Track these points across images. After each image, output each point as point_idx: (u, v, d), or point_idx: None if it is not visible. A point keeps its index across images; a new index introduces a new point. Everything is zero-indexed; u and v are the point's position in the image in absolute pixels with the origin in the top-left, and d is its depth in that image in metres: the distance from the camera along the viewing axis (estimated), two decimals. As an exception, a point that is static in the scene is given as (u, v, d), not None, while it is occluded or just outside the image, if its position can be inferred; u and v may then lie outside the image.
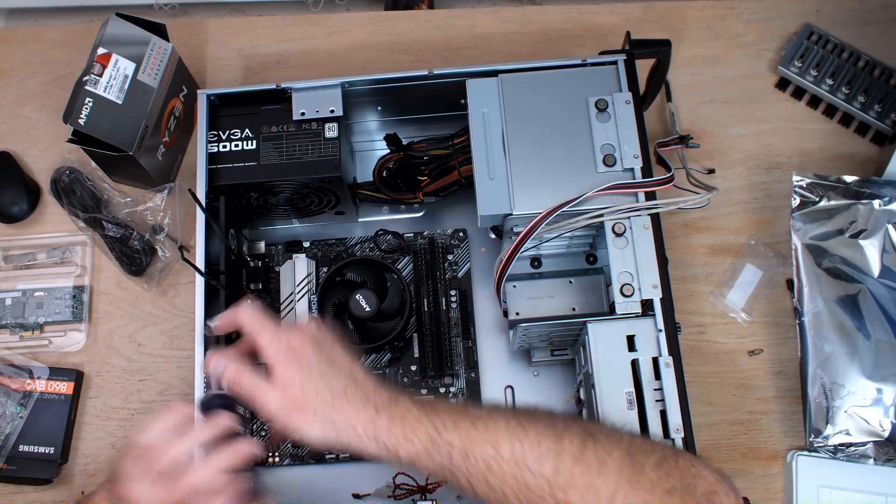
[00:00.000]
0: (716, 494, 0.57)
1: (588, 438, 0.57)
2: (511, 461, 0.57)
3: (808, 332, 0.83)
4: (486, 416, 0.59)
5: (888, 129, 0.93)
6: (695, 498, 0.56)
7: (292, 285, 0.87)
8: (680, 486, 0.57)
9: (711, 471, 0.59)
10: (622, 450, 0.57)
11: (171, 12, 1.44)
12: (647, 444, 0.61)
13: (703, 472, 0.59)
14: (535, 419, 0.59)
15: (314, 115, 0.81)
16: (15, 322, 0.89)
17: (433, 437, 0.58)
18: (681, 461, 0.59)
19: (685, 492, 0.56)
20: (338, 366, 0.62)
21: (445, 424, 0.59)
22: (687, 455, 0.61)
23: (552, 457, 0.57)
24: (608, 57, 0.79)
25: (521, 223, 0.74)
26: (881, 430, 0.80)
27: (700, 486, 0.57)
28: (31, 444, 0.84)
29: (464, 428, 0.58)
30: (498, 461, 0.57)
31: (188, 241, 0.90)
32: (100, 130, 0.83)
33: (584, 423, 0.62)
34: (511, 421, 0.59)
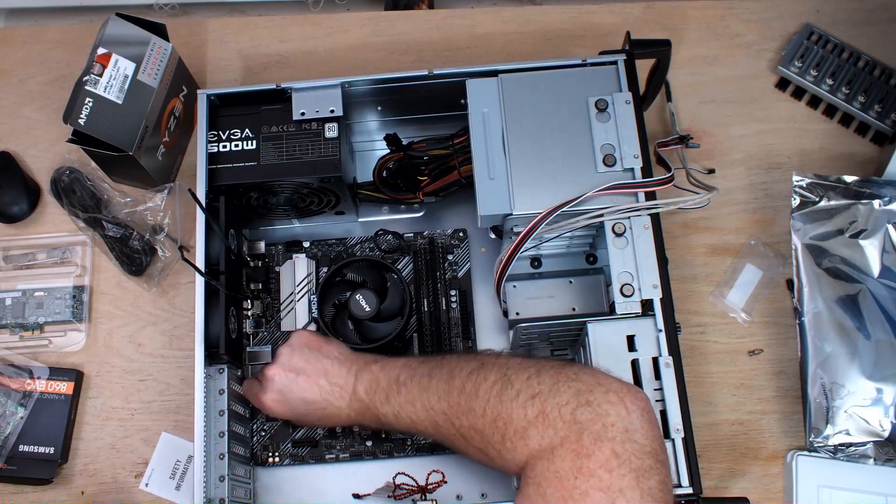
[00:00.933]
0: (588, 393, 0.60)
1: (475, 370, 0.66)
2: (422, 410, 0.69)
3: (808, 332, 0.83)
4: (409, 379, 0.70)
5: (888, 129, 0.93)
6: (560, 399, 0.60)
7: (292, 285, 0.87)
8: (547, 390, 0.61)
9: (596, 376, 0.62)
10: (501, 372, 0.65)
11: (171, 12, 1.44)
12: (531, 362, 0.66)
13: (584, 377, 0.62)
14: (443, 367, 0.69)
15: (314, 115, 0.81)
16: (15, 322, 0.89)
17: (376, 415, 0.72)
18: (562, 371, 0.63)
19: (550, 394, 0.61)
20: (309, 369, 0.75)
21: (381, 400, 0.71)
22: (575, 367, 0.64)
23: (446, 395, 0.67)
24: (608, 57, 0.79)
25: (521, 223, 0.74)
26: (881, 430, 0.80)
27: (571, 388, 0.61)
28: (31, 444, 0.84)
29: (392, 398, 0.71)
30: (415, 414, 0.69)
31: (188, 241, 0.90)
32: (100, 130, 0.83)
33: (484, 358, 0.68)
34: (423, 377, 0.70)
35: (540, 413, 0.60)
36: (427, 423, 0.69)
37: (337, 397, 0.73)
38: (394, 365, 0.73)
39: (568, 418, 0.59)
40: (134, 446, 0.86)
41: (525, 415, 0.61)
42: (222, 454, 0.75)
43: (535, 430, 0.60)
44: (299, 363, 0.74)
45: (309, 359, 0.75)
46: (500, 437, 0.62)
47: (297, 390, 0.74)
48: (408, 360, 0.73)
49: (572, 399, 0.60)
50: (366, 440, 0.83)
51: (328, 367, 0.74)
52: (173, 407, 0.87)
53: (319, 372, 0.74)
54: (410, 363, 0.72)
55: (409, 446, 0.83)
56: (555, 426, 0.59)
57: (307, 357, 0.75)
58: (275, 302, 0.87)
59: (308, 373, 0.74)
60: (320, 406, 0.74)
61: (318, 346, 0.76)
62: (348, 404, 0.73)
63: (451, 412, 0.67)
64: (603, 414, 0.59)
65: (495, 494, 0.80)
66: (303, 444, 0.83)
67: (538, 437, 0.60)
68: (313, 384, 0.74)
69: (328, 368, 0.74)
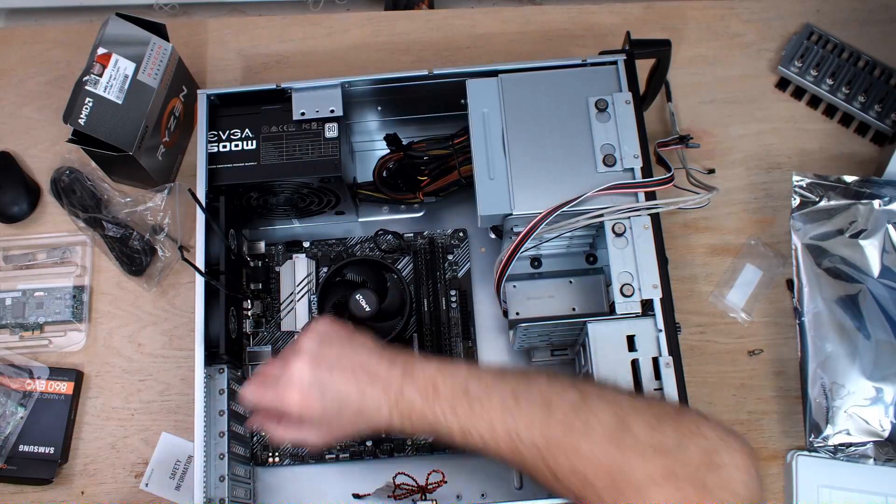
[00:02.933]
0: (716, 453, 0.57)
1: (580, 404, 0.60)
2: (505, 435, 0.60)
3: (808, 332, 0.83)
4: (484, 394, 0.62)
5: (888, 129, 0.93)
6: (688, 457, 0.56)
7: (292, 285, 0.87)
8: (673, 444, 0.57)
9: (717, 430, 0.58)
10: (614, 412, 0.59)
11: (171, 12, 1.44)
12: (646, 404, 0.60)
13: (706, 431, 0.58)
14: (531, 389, 0.61)
15: (314, 115, 0.81)
16: (15, 322, 0.89)
17: (434, 425, 0.62)
18: (682, 420, 0.58)
19: (677, 450, 0.56)
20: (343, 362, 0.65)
21: (445, 412, 0.62)
22: (692, 414, 0.60)
23: (542, 427, 0.59)
24: (608, 57, 0.79)
25: (521, 223, 0.74)
26: (881, 430, 0.80)
27: (698, 445, 0.57)
28: (31, 444, 0.84)
29: (462, 412, 0.62)
30: (493, 436, 0.61)
31: (188, 241, 0.90)
32: (100, 130, 0.83)
33: (583, 387, 0.62)
34: (507, 397, 0.61)
35: (667, 473, 0.56)
36: (506, 449, 0.61)
37: (379, 395, 0.63)
38: (456, 371, 0.64)
39: (697, 483, 0.55)
40: (134, 446, 0.86)
41: (648, 471, 0.56)
42: (222, 454, 0.75)
43: (659, 489, 0.56)
44: (331, 355, 0.65)
45: (343, 350, 0.65)
46: (614, 489, 0.57)
47: (332, 386, 0.63)
48: (474, 368, 0.65)
49: (702, 461, 0.56)
50: (366, 440, 0.83)
51: (365, 359, 0.65)
52: (173, 407, 0.87)
53: (356, 365, 0.64)
54: (479, 373, 0.64)
55: (409, 446, 0.83)
56: (682, 490, 0.55)
57: (340, 348, 0.65)
58: (275, 302, 0.87)
59: (343, 366, 0.64)
60: (356, 405, 0.63)
61: (349, 334, 0.67)
62: (393, 405, 0.63)
63: (546, 448, 0.59)
64: (730, 481, 0.56)
65: (495, 494, 0.80)
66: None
67: (661, 497, 0.55)
68: (350, 378, 0.63)
69: (366, 361, 0.65)
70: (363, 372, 0.64)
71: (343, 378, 0.64)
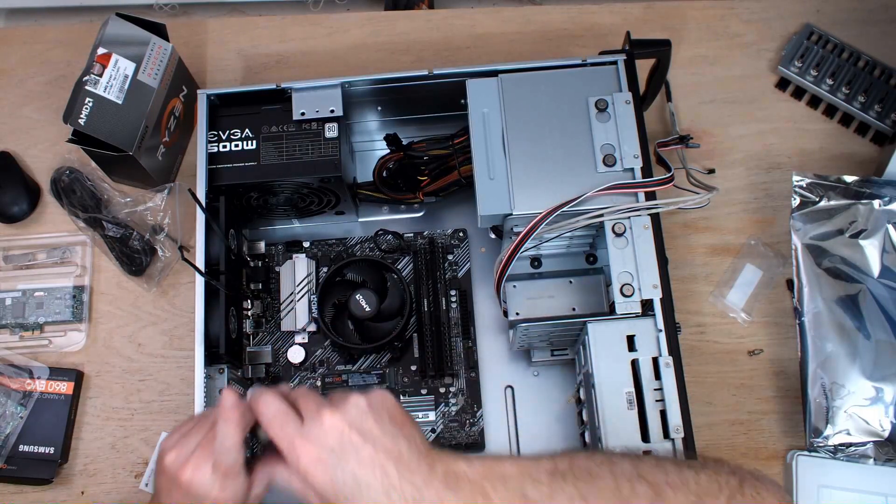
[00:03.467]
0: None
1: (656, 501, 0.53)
2: None
3: (808, 332, 0.83)
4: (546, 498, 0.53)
5: (888, 129, 0.93)
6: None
7: (292, 285, 0.87)
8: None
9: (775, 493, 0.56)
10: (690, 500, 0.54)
11: (171, 12, 1.44)
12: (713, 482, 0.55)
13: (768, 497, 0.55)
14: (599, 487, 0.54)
15: (314, 115, 0.81)
16: (15, 322, 0.89)
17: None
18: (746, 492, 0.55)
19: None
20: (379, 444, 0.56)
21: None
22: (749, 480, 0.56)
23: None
24: (608, 57, 0.79)
25: (521, 223, 0.74)
26: (881, 430, 0.80)
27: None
28: (31, 444, 0.84)
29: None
30: None
31: (188, 241, 0.90)
32: (100, 130, 0.83)
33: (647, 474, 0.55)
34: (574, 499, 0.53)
35: None
36: None
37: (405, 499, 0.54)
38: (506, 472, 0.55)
39: None
40: (134, 446, 0.86)
41: None
42: (222, 454, 0.75)
43: None
44: (372, 429, 0.56)
45: (385, 430, 0.56)
46: None
47: (355, 462, 0.55)
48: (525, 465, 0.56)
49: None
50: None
51: (404, 451, 0.55)
52: (173, 407, 0.87)
53: (392, 453, 0.55)
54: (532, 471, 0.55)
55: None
56: None
57: (384, 427, 0.56)
58: (275, 302, 0.87)
59: (377, 447, 0.55)
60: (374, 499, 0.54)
61: (402, 420, 0.58)
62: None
63: None
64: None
65: (495, 494, 0.80)
66: None
67: None
68: (377, 465, 0.54)
69: (403, 454, 0.55)
70: (395, 466, 0.55)
71: (371, 463, 0.55)
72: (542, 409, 0.84)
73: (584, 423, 0.77)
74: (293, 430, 0.57)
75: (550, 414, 0.84)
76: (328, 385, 0.84)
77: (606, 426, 0.69)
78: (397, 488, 0.54)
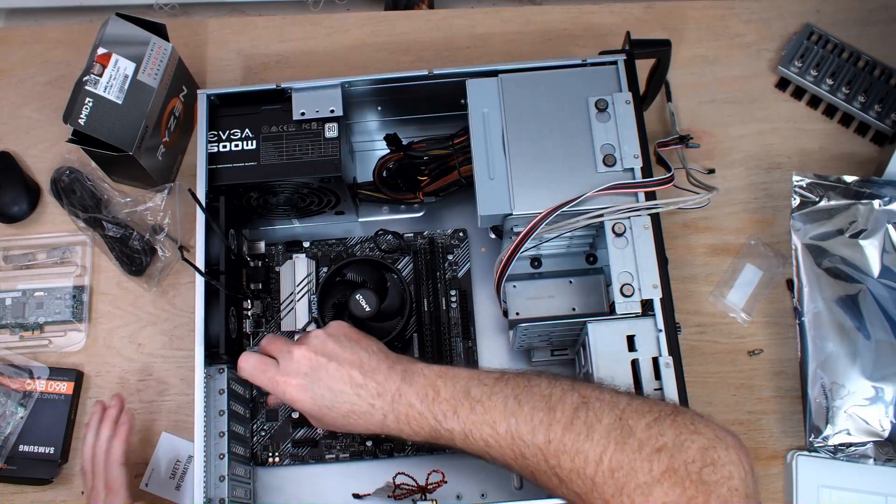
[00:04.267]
0: (713, 450, 0.58)
1: (581, 406, 0.61)
2: (507, 436, 0.62)
3: (808, 332, 0.83)
4: (486, 396, 0.63)
5: (888, 129, 0.93)
6: (687, 455, 0.57)
7: (292, 285, 0.87)
8: (672, 443, 0.58)
9: (713, 428, 0.60)
10: (615, 414, 0.60)
11: (171, 12, 1.45)
12: (644, 405, 0.61)
13: (702, 429, 0.59)
14: (532, 391, 0.63)
15: (314, 115, 0.81)
16: (15, 322, 0.89)
17: (436, 428, 0.64)
18: (679, 419, 0.60)
19: (676, 449, 0.58)
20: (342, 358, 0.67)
21: (446, 414, 0.64)
22: (689, 414, 0.61)
23: (544, 428, 0.61)
24: (608, 57, 0.79)
25: (521, 223, 0.74)
26: (881, 430, 0.80)
27: (695, 443, 0.58)
28: (31, 444, 0.84)
29: (463, 414, 0.63)
30: (496, 438, 0.62)
31: (188, 241, 0.90)
32: (100, 130, 0.83)
33: (583, 390, 0.63)
34: (508, 398, 0.63)
35: (667, 470, 0.57)
36: (509, 451, 0.62)
37: (371, 395, 0.66)
38: (458, 374, 0.65)
39: (696, 479, 0.56)
40: (134, 446, 0.85)
41: (650, 469, 0.57)
42: (222, 454, 0.75)
43: (661, 488, 0.56)
44: (332, 349, 0.68)
45: (344, 347, 0.68)
46: (617, 489, 0.58)
47: (326, 377, 0.66)
48: (475, 372, 0.66)
49: (699, 457, 0.57)
50: (366, 440, 0.83)
51: (364, 359, 0.67)
52: (173, 407, 0.87)
53: (354, 362, 0.67)
54: (480, 376, 0.65)
55: (409, 446, 0.83)
56: (683, 486, 0.56)
57: (342, 345, 0.68)
58: (275, 302, 0.87)
59: (341, 360, 0.67)
60: (348, 401, 0.66)
61: (356, 337, 0.70)
62: (388, 407, 0.65)
63: (548, 449, 0.60)
64: (728, 476, 0.57)
65: (495, 494, 0.80)
66: (303, 444, 0.83)
67: (663, 496, 0.56)
68: (345, 374, 0.66)
69: (364, 361, 0.67)
70: (359, 371, 0.66)
71: (339, 374, 0.66)
72: (542, 409, 0.84)
73: (584, 423, 0.77)
74: (273, 372, 0.68)
75: (550, 414, 0.84)
76: (328, 385, 0.84)
77: (606, 426, 0.69)
78: (364, 386, 0.66)
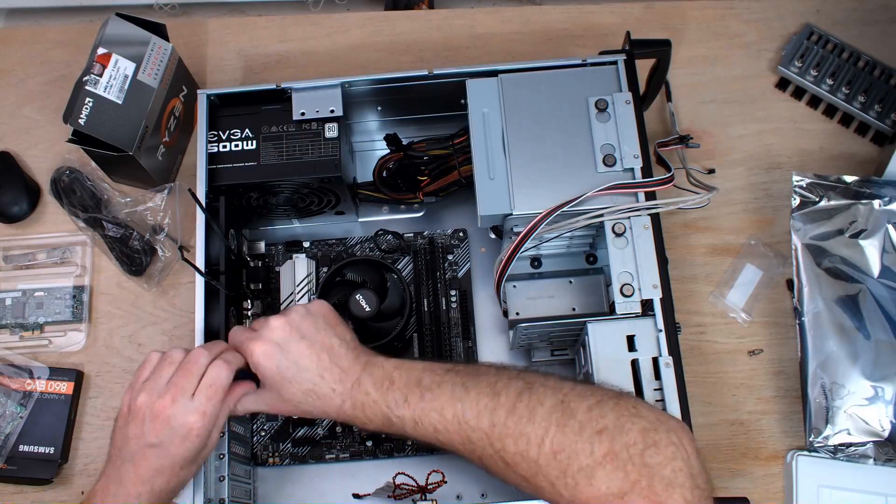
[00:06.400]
0: (654, 432, 0.59)
1: (525, 391, 0.63)
2: (454, 421, 0.64)
3: (808, 332, 0.83)
4: (436, 385, 0.65)
5: (888, 129, 0.93)
6: (628, 437, 0.58)
7: (292, 285, 0.87)
8: (613, 426, 0.59)
9: (655, 412, 0.61)
10: (557, 398, 0.62)
11: (171, 12, 1.44)
12: (587, 389, 0.63)
13: (644, 412, 0.60)
14: (480, 379, 0.65)
15: (314, 115, 0.81)
16: (15, 322, 0.89)
17: (388, 415, 0.66)
18: (622, 403, 0.61)
19: (617, 431, 0.59)
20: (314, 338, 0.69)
21: (398, 401, 0.66)
22: (631, 399, 0.63)
23: (489, 412, 0.62)
24: (608, 57, 0.79)
25: (521, 223, 0.74)
26: (881, 430, 0.80)
27: (636, 425, 0.59)
28: (31, 444, 0.84)
29: (413, 402, 0.65)
30: (444, 423, 0.64)
31: (188, 241, 0.90)
32: (100, 130, 0.83)
33: (528, 377, 0.64)
34: (456, 386, 0.65)
35: (608, 452, 0.57)
36: (456, 436, 0.64)
37: (334, 379, 0.67)
38: (413, 366, 0.68)
39: (638, 461, 0.57)
40: (134, 446, 0.86)
41: (591, 451, 0.58)
42: (222, 454, 0.75)
43: (603, 470, 0.57)
44: (308, 328, 0.69)
45: (319, 329, 0.69)
46: (560, 471, 0.59)
47: (294, 352, 0.68)
48: (429, 364, 0.68)
49: (640, 439, 0.58)
50: (366, 440, 0.83)
51: (335, 345, 0.69)
52: (173, 407, 0.87)
53: (324, 346, 0.68)
54: (433, 367, 0.67)
55: (409, 446, 0.83)
56: (625, 469, 0.57)
57: (318, 326, 0.69)
58: (275, 302, 0.87)
59: (312, 341, 0.68)
60: (311, 380, 0.67)
61: (334, 322, 0.71)
62: (347, 393, 0.67)
63: (493, 433, 0.62)
64: (670, 457, 0.57)
65: (495, 495, 0.80)
66: (303, 444, 0.83)
67: (606, 479, 0.57)
68: (313, 354, 0.68)
69: (334, 346, 0.69)
70: (328, 355, 0.68)
71: (308, 352, 0.68)
72: (542, 409, 0.84)
73: (584, 423, 0.77)
74: (248, 335, 0.70)
75: (550, 414, 0.84)
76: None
77: (606, 426, 0.69)
78: (329, 369, 0.67)
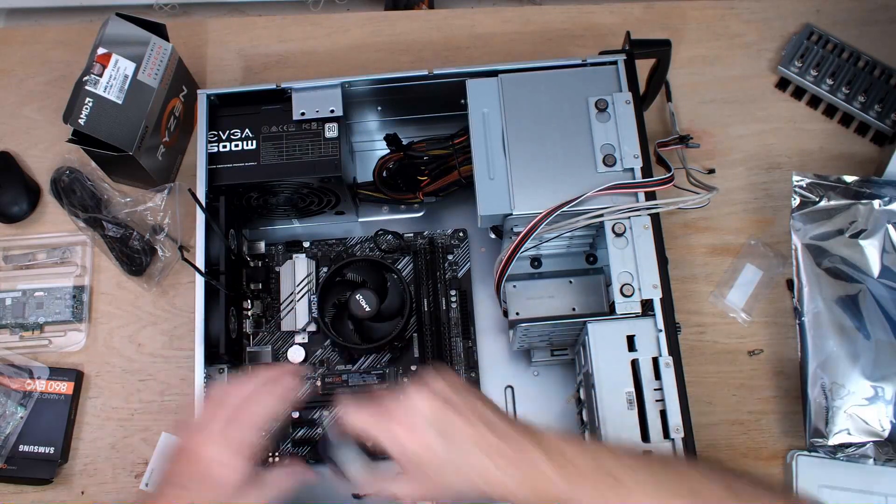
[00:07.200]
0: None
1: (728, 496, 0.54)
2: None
3: (808, 332, 0.83)
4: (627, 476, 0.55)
5: (888, 129, 0.93)
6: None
7: (292, 285, 0.87)
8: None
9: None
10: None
11: (171, 12, 1.45)
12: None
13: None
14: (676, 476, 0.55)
15: (314, 115, 0.81)
16: (15, 322, 0.89)
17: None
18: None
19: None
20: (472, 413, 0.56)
21: (591, 497, 0.54)
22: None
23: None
24: (608, 57, 0.79)
25: (521, 223, 0.74)
26: (881, 430, 0.80)
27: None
28: (31, 444, 0.84)
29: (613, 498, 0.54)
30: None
31: (188, 241, 0.90)
32: (100, 130, 0.83)
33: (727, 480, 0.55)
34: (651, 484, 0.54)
35: None
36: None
37: (508, 461, 0.54)
38: (599, 451, 0.57)
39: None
40: (134, 446, 0.86)
41: None
42: (222, 454, 0.75)
43: None
44: (453, 396, 0.56)
45: (470, 400, 0.57)
46: None
47: (459, 435, 0.55)
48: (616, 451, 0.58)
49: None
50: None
51: (489, 416, 0.56)
52: (173, 407, 0.87)
53: (477, 417, 0.56)
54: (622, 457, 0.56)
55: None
56: None
57: (461, 394, 0.57)
58: (275, 302, 0.87)
59: (464, 413, 0.56)
60: (480, 464, 0.54)
61: (467, 387, 0.59)
62: (523, 479, 0.54)
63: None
64: None
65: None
66: (303, 444, 0.83)
67: None
68: (475, 433, 0.55)
69: (489, 418, 0.56)
70: (486, 427, 0.55)
71: (469, 432, 0.55)
72: (543, 410, 0.84)
73: (585, 423, 0.77)
74: (383, 422, 0.57)
75: (550, 414, 0.84)
76: (328, 385, 0.84)
77: (606, 426, 0.69)
78: (499, 452, 0.54)
